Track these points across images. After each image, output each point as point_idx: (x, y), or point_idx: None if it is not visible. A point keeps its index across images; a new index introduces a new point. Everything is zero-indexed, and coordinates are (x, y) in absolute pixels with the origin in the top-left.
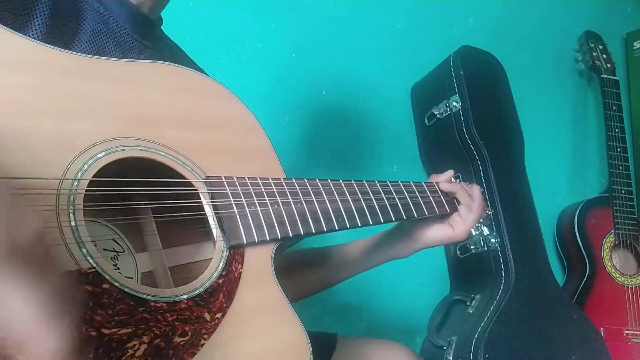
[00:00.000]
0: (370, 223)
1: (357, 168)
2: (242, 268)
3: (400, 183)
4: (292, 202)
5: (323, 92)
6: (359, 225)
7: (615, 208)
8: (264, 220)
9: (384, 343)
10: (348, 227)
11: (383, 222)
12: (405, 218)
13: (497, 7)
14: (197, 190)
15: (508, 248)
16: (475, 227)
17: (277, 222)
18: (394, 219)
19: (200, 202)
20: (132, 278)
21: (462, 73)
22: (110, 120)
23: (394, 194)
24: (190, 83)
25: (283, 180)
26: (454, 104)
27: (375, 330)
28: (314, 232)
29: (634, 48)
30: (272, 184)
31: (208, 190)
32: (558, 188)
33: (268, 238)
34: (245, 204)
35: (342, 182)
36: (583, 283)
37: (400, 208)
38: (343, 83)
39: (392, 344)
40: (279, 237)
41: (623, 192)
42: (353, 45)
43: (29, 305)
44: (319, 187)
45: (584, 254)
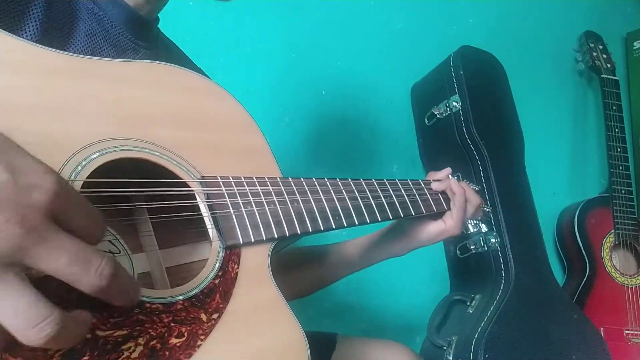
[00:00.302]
0: (368, 221)
1: (356, 168)
2: (238, 268)
3: (398, 181)
4: (288, 201)
5: (323, 92)
6: (357, 224)
7: (615, 208)
8: (261, 220)
9: (384, 343)
10: (345, 225)
11: (381, 220)
12: (403, 216)
13: (497, 7)
14: (192, 191)
15: (508, 248)
16: (474, 223)
17: (273, 221)
18: (392, 217)
19: (196, 202)
20: None
21: (462, 73)
22: (104, 121)
23: (391, 192)
24: (186, 82)
25: (279, 180)
26: (454, 104)
27: (375, 330)
28: (311, 231)
29: (634, 48)
30: (268, 184)
31: (204, 191)
32: (558, 188)
33: (264, 238)
34: (242, 204)
35: (339, 180)
36: (583, 283)
37: (398, 206)
38: (343, 83)
39: (392, 344)
40: (276, 236)
41: (623, 192)
42: (353, 45)
43: (22, 298)
44: (316, 185)
45: (584, 254)
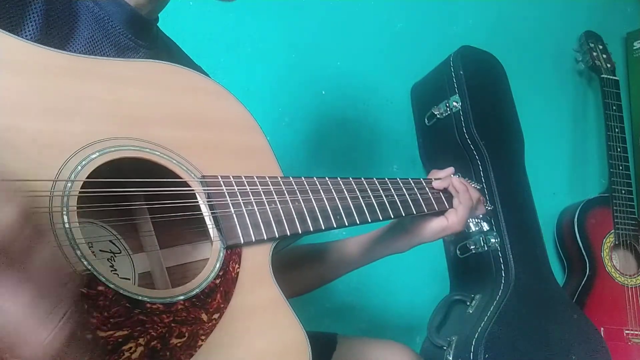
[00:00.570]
0: (369, 220)
1: (357, 168)
2: (239, 268)
3: (399, 180)
4: (289, 200)
5: (323, 92)
6: (358, 223)
7: (615, 208)
8: (261, 220)
9: (384, 343)
10: (347, 224)
11: (382, 219)
12: (404, 215)
13: (497, 7)
14: (193, 190)
15: (508, 248)
16: (475, 222)
17: (274, 221)
18: (393, 216)
19: (197, 201)
20: (129, 279)
21: (462, 73)
22: (104, 120)
23: (392, 191)
24: (186, 82)
25: (280, 179)
26: (454, 104)
27: (375, 330)
28: (312, 230)
29: (634, 48)
30: (269, 183)
31: (204, 190)
32: (558, 188)
33: (265, 237)
34: (242, 203)
35: (340, 180)
36: (583, 283)
37: (399, 205)
38: (343, 83)
39: (392, 344)
40: (277, 236)
41: (623, 192)
42: (353, 45)
43: (18, 298)
44: (317, 185)
45: (584, 254)
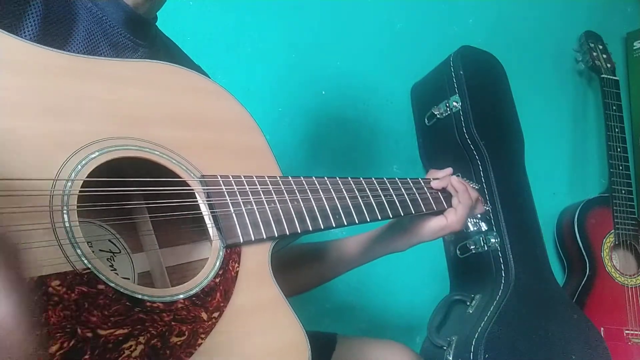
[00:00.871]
0: (368, 220)
1: (357, 168)
2: (239, 267)
3: (398, 179)
4: (288, 200)
5: (323, 92)
6: (357, 223)
7: (615, 208)
8: (261, 219)
9: (384, 343)
10: (345, 224)
11: (381, 219)
12: (403, 215)
13: (497, 7)
14: (192, 190)
15: (508, 248)
16: (473, 222)
17: (273, 220)
18: (392, 216)
19: (196, 201)
20: (128, 279)
21: (462, 73)
22: (104, 120)
23: (391, 191)
24: (186, 82)
25: (279, 179)
26: (454, 104)
27: (375, 330)
28: (311, 230)
29: (634, 48)
30: (268, 182)
31: (204, 190)
32: (558, 188)
33: (265, 236)
34: (242, 203)
35: (339, 179)
36: (583, 283)
37: (398, 205)
38: (343, 83)
39: (392, 344)
40: (276, 235)
41: (623, 192)
42: (353, 45)
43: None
44: (316, 184)
45: (584, 254)
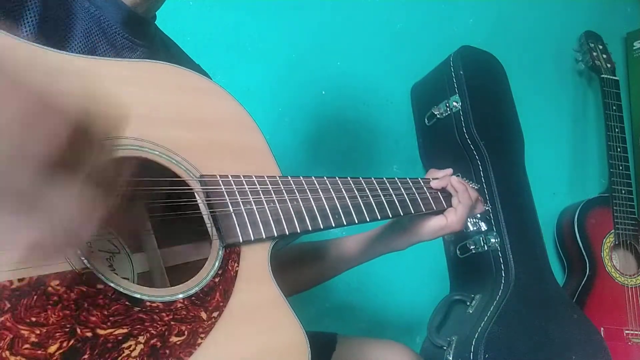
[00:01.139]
0: (367, 220)
1: (357, 168)
2: (238, 267)
3: (397, 179)
4: (288, 199)
5: (323, 92)
6: (356, 222)
7: (615, 208)
8: (260, 218)
9: (384, 343)
10: (345, 224)
11: (380, 218)
12: (403, 214)
13: (497, 7)
14: (192, 190)
15: (508, 248)
16: (473, 222)
17: (273, 220)
18: (391, 215)
19: (196, 201)
20: (127, 279)
21: (462, 73)
22: None
23: (391, 190)
24: (184, 81)
25: (279, 178)
26: (454, 104)
27: (375, 330)
28: (311, 229)
29: (634, 48)
30: (267, 182)
31: (203, 189)
32: (558, 188)
33: (264, 236)
34: (241, 202)
35: (338, 179)
36: (583, 283)
37: (397, 204)
38: (343, 83)
39: (392, 344)
40: (275, 234)
41: (623, 192)
42: (353, 45)
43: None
44: (315, 184)
45: (584, 254)
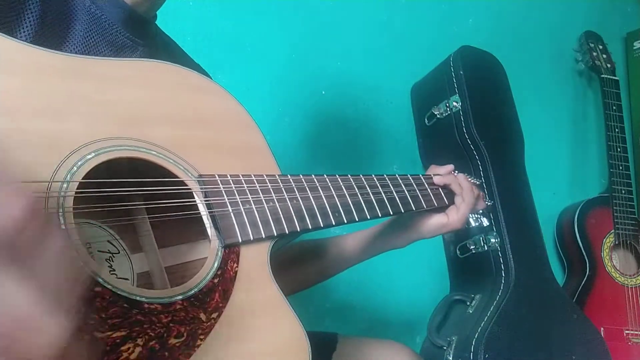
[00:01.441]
0: (368, 217)
1: (357, 168)
2: (237, 267)
3: (398, 176)
4: (287, 198)
5: (323, 92)
6: (357, 220)
7: (615, 208)
8: (259, 218)
9: (384, 343)
10: (345, 222)
11: (381, 216)
12: (404, 212)
13: (497, 7)
14: (190, 189)
15: (508, 248)
16: (475, 217)
17: (272, 219)
18: (392, 213)
19: (194, 201)
20: (127, 279)
21: (462, 73)
22: (101, 121)
23: (391, 187)
24: (182, 81)
25: (278, 177)
26: (454, 104)
27: (376, 330)
28: (311, 228)
29: (634, 48)
30: (267, 181)
31: (201, 189)
32: (558, 188)
33: (264, 235)
34: (240, 202)
35: (338, 176)
36: (583, 283)
37: (398, 201)
38: (343, 83)
39: (392, 344)
40: (275, 234)
41: (623, 192)
42: (353, 45)
43: (23, 293)
44: (315, 182)
45: (584, 254)
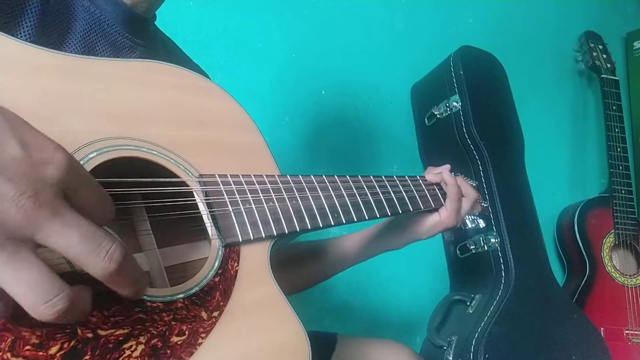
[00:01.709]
0: (366, 218)
1: (357, 168)
2: (238, 266)
3: (395, 177)
4: (287, 198)
5: (323, 92)
6: (355, 221)
7: (615, 208)
8: (259, 218)
9: (384, 343)
10: (344, 222)
11: (379, 216)
12: (401, 212)
13: (497, 7)
14: (190, 189)
15: (508, 248)
16: (471, 219)
17: (272, 219)
18: (390, 213)
19: (194, 200)
20: None
21: (462, 73)
22: (101, 120)
23: (389, 188)
24: (182, 81)
25: (277, 177)
26: (454, 104)
27: (375, 330)
28: (310, 228)
29: (634, 48)
30: (266, 181)
31: (202, 189)
32: (558, 188)
33: (264, 235)
34: (240, 202)
35: (337, 177)
36: (583, 283)
37: (396, 202)
38: (343, 83)
39: (392, 344)
40: (275, 234)
41: (623, 192)
42: (353, 45)
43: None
44: (314, 183)
45: (584, 254)
